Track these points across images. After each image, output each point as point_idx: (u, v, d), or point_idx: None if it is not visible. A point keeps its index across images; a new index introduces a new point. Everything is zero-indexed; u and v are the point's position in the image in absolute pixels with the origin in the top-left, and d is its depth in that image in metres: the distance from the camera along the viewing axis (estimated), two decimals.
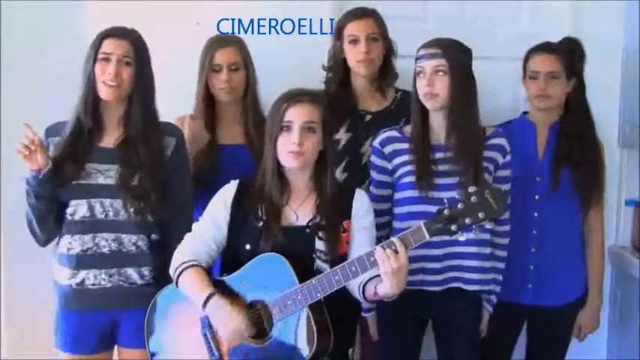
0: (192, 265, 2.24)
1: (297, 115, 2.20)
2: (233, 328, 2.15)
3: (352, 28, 2.70)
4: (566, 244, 2.71)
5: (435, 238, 2.09)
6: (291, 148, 2.19)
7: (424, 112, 2.43)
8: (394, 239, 2.08)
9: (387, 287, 2.09)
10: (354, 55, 2.71)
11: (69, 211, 2.40)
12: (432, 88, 2.35)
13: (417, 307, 2.48)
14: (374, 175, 2.53)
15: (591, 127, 2.71)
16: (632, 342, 2.82)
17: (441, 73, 2.35)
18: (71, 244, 2.41)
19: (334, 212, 2.24)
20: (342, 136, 2.73)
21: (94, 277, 2.40)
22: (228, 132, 2.74)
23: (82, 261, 2.40)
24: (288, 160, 2.21)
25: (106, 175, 2.38)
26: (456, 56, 2.37)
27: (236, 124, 2.75)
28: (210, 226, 2.29)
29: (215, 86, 2.68)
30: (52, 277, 2.49)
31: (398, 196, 2.47)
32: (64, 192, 2.37)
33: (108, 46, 2.34)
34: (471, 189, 2.04)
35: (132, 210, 2.37)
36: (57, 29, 3.01)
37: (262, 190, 2.26)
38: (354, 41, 2.70)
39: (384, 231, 2.46)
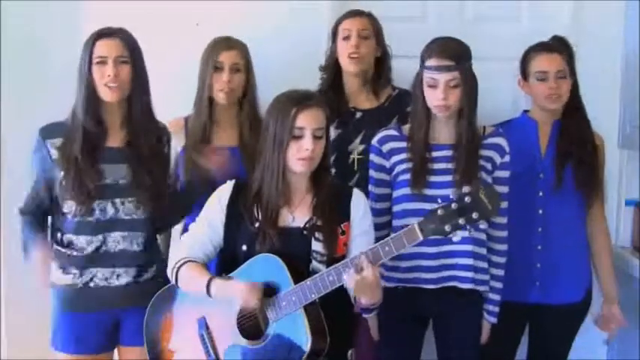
0: (188, 261, 2.25)
1: (308, 122, 2.17)
2: (243, 288, 2.14)
3: (346, 24, 2.77)
4: (572, 241, 2.70)
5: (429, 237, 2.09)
6: (304, 155, 2.17)
7: (427, 115, 2.43)
8: (360, 256, 2.08)
9: (364, 299, 2.13)
10: (345, 50, 2.74)
11: (78, 212, 2.39)
12: (446, 100, 2.35)
13: (416, 307, 2.48)
14: (373, 173, 2.53)
15: (588, 125, 2.70)
16: (632, 342, 2.82)
17: (454, 86, 2.35)
18: (81, 244, 2.41)
19: (331, 213, 2.24)
20: (331, 132, 2.73)
21: (102, 276, 2.41)
22: (222, 134, 2.74)
23: (91, 261, 2.40)
24: (298, 166, 2.19)
25: (116, 174, 2.39)
26: (467, 65, 2.38)
27: (230, 126, 2.75)
28: (206, 227, 2.29)
29: (215, 86, 2.68)
30: (50, 279, 2.48)
31: (395, 194, 2.48)
32: (78, 194, 2.36)
33: (102, 48, 2.34)
34: (465, 189, 2.03)
35: (143, 208, 2.39)
36: (57, 29, 3.01)
37: (259, 192, 2.25)
38: (347, 37, 2.74)
39: (384, 231, 2.46)
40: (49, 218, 2.50)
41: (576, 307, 2.73)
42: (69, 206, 2.38)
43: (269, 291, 2.16)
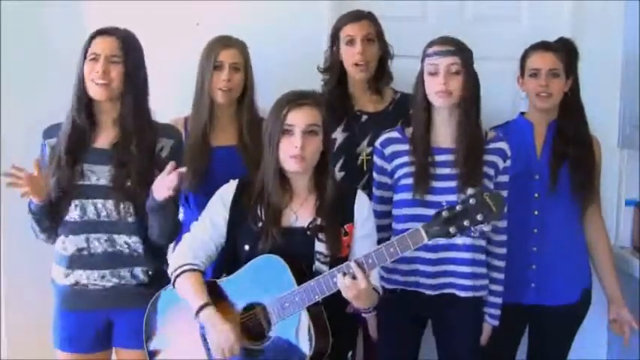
0: (189, 270, 2.24)
1: (299, 119, 2.19)
2: (223, 345, 2.15)
3: (349, 30, 2.73)
4: (568, 242, 2.70)
5: (430, 242, 2.08)
6: (294, 153, 2.18)
7: (428, 112, 2.42)
8: (351, 263, 2.08)
9: (356, 304, 2.14)
10: (351, 57, 2.73)
11: (63, 211, 2.39)
12: (447, 86, 2.34)
13: (415, 308, 2.48)
14: (375, 176, 2.53)
15: (586, 127, 2.71)
16: (632, 342, 2.82)
17: (455, 72, 2.35)
18: (65, 244, 2.41)
19: (335, 214, 2.24)
20: (339, 135, 2.74)
21: (86, 278, 2.40)
22: (221, 134, 2.73)
23: (75, 262, 2.40)
24: (290, 165, 2.20)
25: (99, 175, 2.38)
26: (468, 55, 2.39)
27: (230, 125, 2.74)
28: (209, 226, 2.29)
29: (214, 85, 2.67)
30: (51, 276, 2.49)
31: (396, 197, 2.47)
32: (59, 193, 2.36)
33: (96, 45, 2.34)
34: (470, 191, 2.03)
35: (125, 211, 2.37)
36: (58, 30, 3.01)
37: (262, 191, 2.25)
38: (351, 42, 2.72)
39: (386, 233, 2.46)
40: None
41: (573, 308, 2.73)
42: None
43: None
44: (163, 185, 2.26)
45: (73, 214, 2.39)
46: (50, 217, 2.38)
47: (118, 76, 2.34)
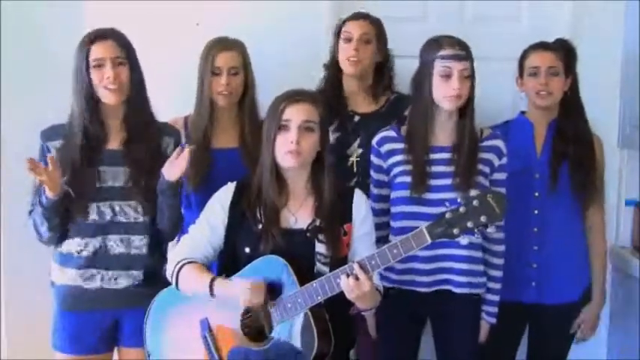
0: (188, 262, 2.24)
1: (295, 114, 2.19)
2: (247, 286, 2.13)
3: (348, 27, 2.76)
4: (568, 241, 2.71)
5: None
6: (289, 148, 2.18)
7: (431, 112, 2.42)
8: (354, 265, 2.08)
9: (360, 306, 2.15)
10: (345, 53, 2.74)
11: (74, 214, 2.39)
12: (460, 90, 2.35)
13: (413, 306, 2.48)
14: (373, 174, 2.54)
15: (586, 126, 2.72)
16: (632, 342, 2.83)
17: (466, 76, 2.36)
18: (80, 246, 2.41)
19: (334, 215, 2.24)
20: (330, 135, 2.74)
21: (101, 279, 2.41)
22: (222, 135, 2.73)
23: (91, 263, 2.40)
24: (286, 160, 2.20)
25: (114, 177, 2.39)
26: (472, 58, 2.39)
27: (231, 127, 2.74)
28: (207, 228, 2.28)
29: (214, 89, 2.67)
30: (50, 277, 2.49)
31: (393, 195, 2.48)
32: (75, 196, 2.35)
33: (97, 51, 2.34)
34: (473, 192, 2.04)
35: (140, 211, 2.39)
36: (58, 30, 3.01)
37: (260, 192, 2.25)
38: (348, 39, 2.74)
39: (384, 231, 2.47)
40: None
41: (574, 306, 2.74)
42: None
43: (272, 289, 2.16)
44: (175, 165, 2.28)
45: (89, 215, 2.39)
46: (61, 216, 2.37)
47: (127, 77, 2.36)
